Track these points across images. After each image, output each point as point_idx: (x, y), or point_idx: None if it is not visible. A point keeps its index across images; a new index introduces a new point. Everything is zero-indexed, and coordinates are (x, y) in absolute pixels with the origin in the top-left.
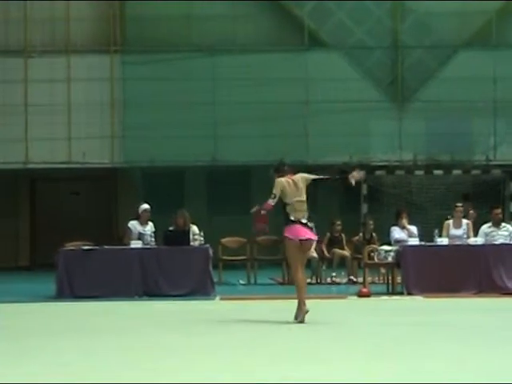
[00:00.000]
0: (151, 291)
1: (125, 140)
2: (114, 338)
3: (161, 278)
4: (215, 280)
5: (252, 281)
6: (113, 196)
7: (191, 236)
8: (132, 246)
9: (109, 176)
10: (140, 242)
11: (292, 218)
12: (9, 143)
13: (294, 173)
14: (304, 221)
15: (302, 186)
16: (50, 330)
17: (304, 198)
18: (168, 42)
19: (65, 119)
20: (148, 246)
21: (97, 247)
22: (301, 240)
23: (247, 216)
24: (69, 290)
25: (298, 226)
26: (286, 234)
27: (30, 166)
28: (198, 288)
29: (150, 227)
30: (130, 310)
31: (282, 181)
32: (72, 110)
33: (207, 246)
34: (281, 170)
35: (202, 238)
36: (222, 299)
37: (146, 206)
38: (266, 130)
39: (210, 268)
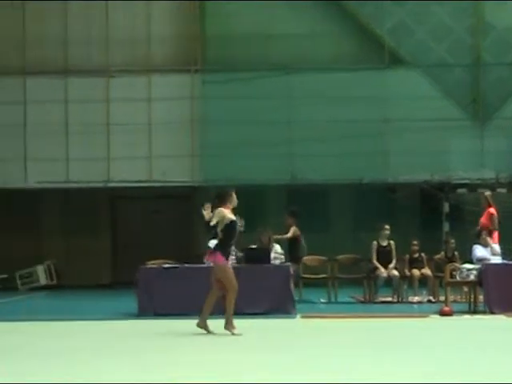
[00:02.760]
0: None
1: (204, 158)
2: (191, 354)
3: (241, 296)
4: (296, 298)
5: (333, 299)
6: (193, 214)
7: (273, 254)
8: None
9: (188, 194)
10: None
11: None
12: (90, 162)
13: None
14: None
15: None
16: (132, 348)
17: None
18: (247, 60)
19: (145, 138)
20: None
21: (177, 265)
22: None
23: (327, 234)
24: (150, 308)
25: None
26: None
27: (111, 184)
28: (279, 306)
29: None
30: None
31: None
32: (152, 128)
33: (288, 264)
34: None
35: (282, 257)
36: (302, 317)
37: None
38: (345, 148)
39: (291, 286)
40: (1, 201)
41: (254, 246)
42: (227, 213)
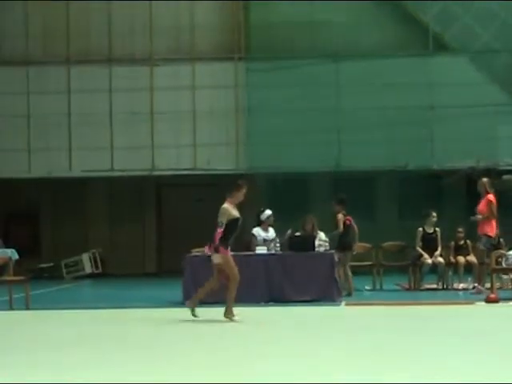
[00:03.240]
0: (276, 297)
1: (249, 146)
2: (237, 343)
3: (286, 284)
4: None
5: (378, 286)
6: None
7: (317, 242)
8: (257, 251)
9: (233, 182)
10: (265, 247)
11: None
12: (135, 150)
13: None
14: None
15: None
16: (177, 336)
17: None
18: (291, 48)
19: (190, 126)
20: (273, 252)
21: None
22: None
23: (372, 221)
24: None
25: None
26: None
27: (156, 173)
28: (324, 294)
29: (271, 233)
30: (255, 315)
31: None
32: (197, 117)
33: (332, 251)
34: None
35: (327, 244)
36: (347, 305)
37: (268, 212)
38: (390, 135)
39: (336, 274)
40: (46, 190)
41: (298, 234)
42: (231, 209)
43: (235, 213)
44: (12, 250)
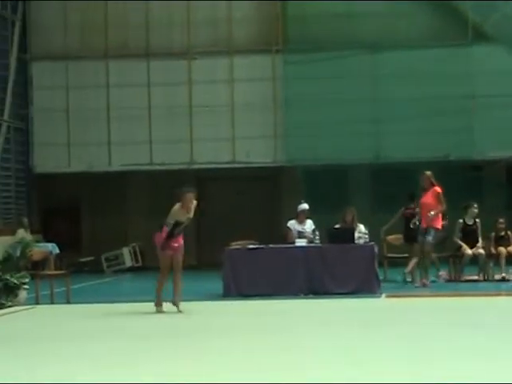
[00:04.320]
0: (316, 289)
1: (287, 139)
2: (278, 336)
3: (326, 276)
4: (380, 277)
5: (418, 278)
6: (276, 194)
7: (357, 234)
8: (296, 244)
9: (272, 175)
10: (304, 240)
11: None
12: (174, 144)
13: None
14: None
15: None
16: (217, 329)
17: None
18: (329, 40)
19: (228, 119)
20: (312, 244)
21: (262, 246)
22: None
23: None
24: (235, 289)
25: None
26: None
27: (195, 166)
28: (364, 286)
29: (309, 225)
30: (296, 307)
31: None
32: (235, 110)
33: (372, 243)
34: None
35: (367, 236)
36: (387, 297)
37: (304, 206)
38: (430, 125)
39: (376, 266)
40: (86, 185)
41: (337, 226)
42: (176, 212)
43: (176, 217)
44: (53, 245)
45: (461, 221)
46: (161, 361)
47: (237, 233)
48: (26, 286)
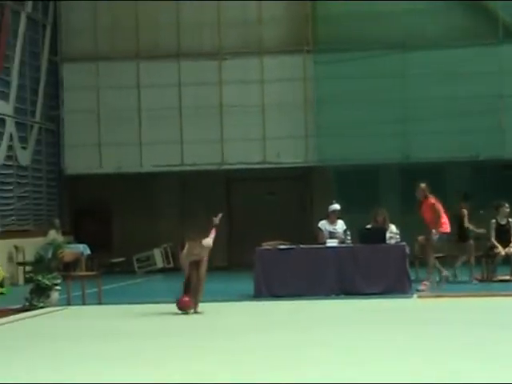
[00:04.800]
0: (347, 289)
1: (318, 139)
2: (309, 335)
3: (357, 276)
4: (412, 278)
5: (450, 278)
6: (307, 195)
7: (388, 234)
8: (327, 244)
9: (303, 175)
10: (335, 240)
11: None
12: (205, 144)
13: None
14: None
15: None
16: (246, 328)
17: None
18: (359, 39)
19: (259, 120)
20: (343, 245)
21: (293, 246)
22: None
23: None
24: (266, 289)
25: None
26: None
27: (226, 166)
28: (395, 286)
29: (340, 225)
30: (327, 308)
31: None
32: (265, 110)
33: (403, 243)
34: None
35: (398, 237)
36: (419, 297)
37: (335, 206)
38: (460, 125)
39: (407, 266)
40: (117, 185)
41: (368, 226)
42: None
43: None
44: (84, 246)
45: (494, 221)
46: (190, 360)
47: (267, 233)
48: (57, 287)
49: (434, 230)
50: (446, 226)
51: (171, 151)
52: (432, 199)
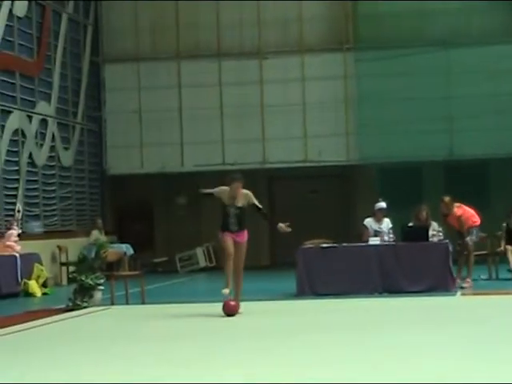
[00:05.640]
0: (391, 287)
1: (360, 137)
2: (352, 335)
3: (400, 275)
4: (455, 276)
5: (494, 276)
6: (349, 193)
7: (430, 232)
8: (370, 242)
9: (345, 173)
10: (378, 238)
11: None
12: (246, 143)
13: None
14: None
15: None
16: (289, 329)
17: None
18: (400, 37)
19: (300, 118)
20: (386, 243)
21: (335, 245)
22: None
23: (486, 210)
24: (309, 288)
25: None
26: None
27: (267, 165)
28: (438, 284)
29: (386, 224)
30: (370, 306)
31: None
32: (307, 108)
33: (446, 241)
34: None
35: (441, 234)
36: (462, 295)
37: (381, 204)
38: (504, 122)
39: (451, 264)
40: (159, 185)
41: (411, 224)
42: (222, 191)
43: (225, 198)
44: (127, 246)
45: None
46: (233, 359)
47: (310, 232)
48: (100, 287)
49: (465, 233)
50: (476, 220)
51: (212, 151)
52: (458, 211)
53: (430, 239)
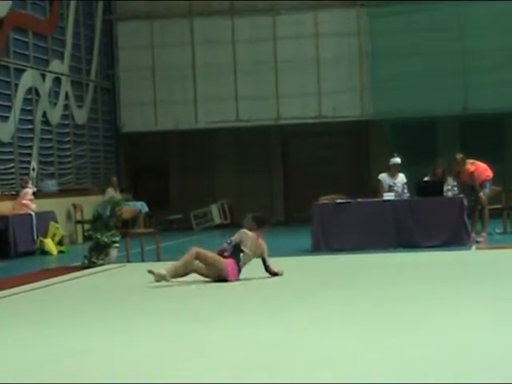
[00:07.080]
0: (405, 243)
1: (374, 92)
2: (371, 290)
3: (415, 230)
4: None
5: (509, 230)
6: (364, 148)
7: (445, 187)
8: (385, 198)
9: (359, 129)
10: (393, 194)
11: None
12: (260, 100)
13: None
14: None
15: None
16: (307, 284)
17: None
18: None
19: (314, 75)
20: (401, 198)
21: (350, 200)
22: None
23: (501, 164)
24: (324, 244)
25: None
26: None
27: (281, 122)
28: (453, 239)
29: (400, 179)
30: (385, 261)
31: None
32: (320, 65)
33: (461, 196)
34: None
35: (456, 189)
36: (477, 249)
37: (396, 160)
38: None
39: (465, 218)
40: (173, 143)
41: (426, 179)
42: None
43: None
44: (142, 203)
45: None
46: (244, 316)
47: (324, 188)
48: (116, 245)
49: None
50: (489, 173)
51: (226, 107)
52: (471, 167)
53: (445, 194)
